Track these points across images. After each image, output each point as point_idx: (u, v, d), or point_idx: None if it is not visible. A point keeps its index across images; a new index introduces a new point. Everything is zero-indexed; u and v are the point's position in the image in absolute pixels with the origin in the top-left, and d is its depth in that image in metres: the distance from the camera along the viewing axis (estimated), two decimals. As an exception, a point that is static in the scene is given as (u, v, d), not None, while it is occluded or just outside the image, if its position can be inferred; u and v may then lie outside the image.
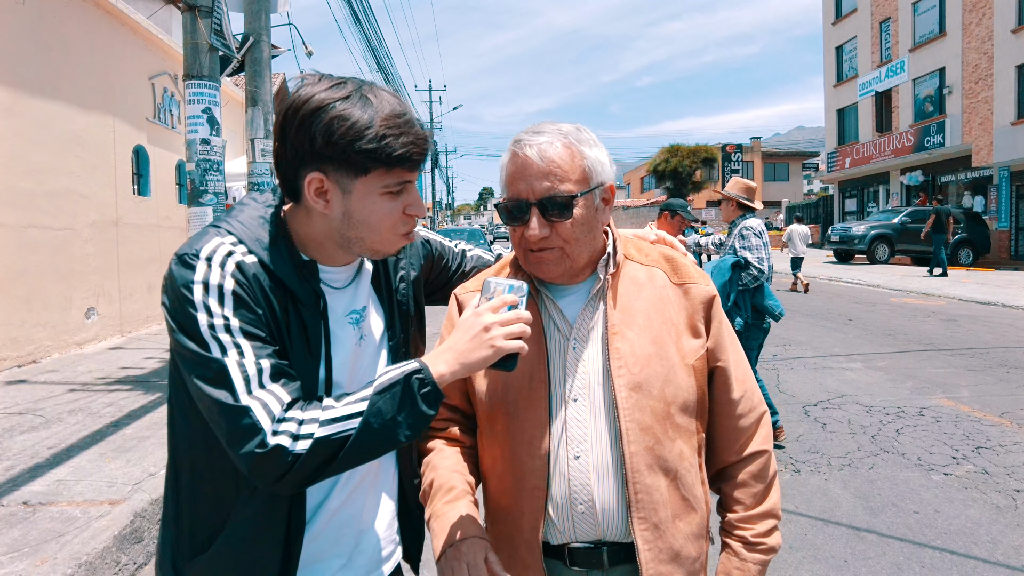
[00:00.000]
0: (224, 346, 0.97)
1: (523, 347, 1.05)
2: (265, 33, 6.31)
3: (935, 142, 23.30)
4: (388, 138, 1.02)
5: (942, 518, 3.49)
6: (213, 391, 0.96)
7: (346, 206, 1.06)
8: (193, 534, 1.10)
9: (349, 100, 1.02)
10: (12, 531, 3.05)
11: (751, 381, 1.28)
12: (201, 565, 1.09)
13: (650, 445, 1.14)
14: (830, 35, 31.40)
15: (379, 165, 1.03)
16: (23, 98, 6.88)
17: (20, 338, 6.84)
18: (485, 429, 1.27)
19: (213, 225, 1.09)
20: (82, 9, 7.96)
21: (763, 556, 1.24)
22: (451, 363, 1.04)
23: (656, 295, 1.22)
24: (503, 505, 1.23)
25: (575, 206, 1.14)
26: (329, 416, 0.97)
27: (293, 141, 1.03)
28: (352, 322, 1.17)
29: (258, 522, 1.07)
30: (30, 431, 4.60)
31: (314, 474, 0.97)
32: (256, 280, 1.03)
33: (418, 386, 1.00)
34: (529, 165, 1.14)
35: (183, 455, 1.11)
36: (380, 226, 1.08)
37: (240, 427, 0.94)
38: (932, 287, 13.94)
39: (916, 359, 7.35)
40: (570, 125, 1.20)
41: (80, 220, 7.83)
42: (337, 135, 1.00)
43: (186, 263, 1.01)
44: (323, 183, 1.04)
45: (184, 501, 1.11)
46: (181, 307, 0.99)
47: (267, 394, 0.97)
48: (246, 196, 1.16)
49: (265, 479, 0.96)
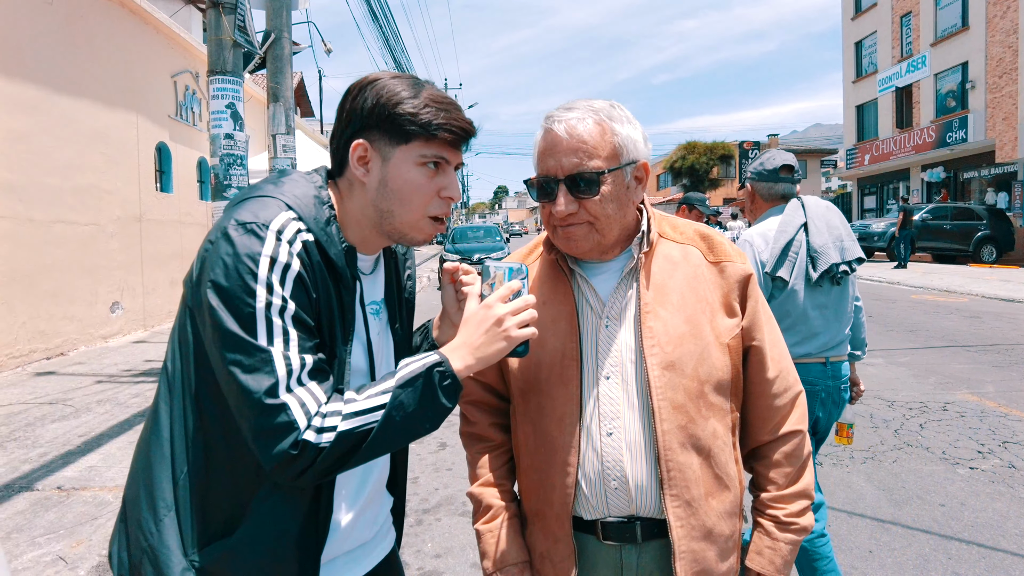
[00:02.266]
0: (273, 331, 0.94)
1: (535, 333, 1.06)
2: (286, 30, 6.37)
3: (957, 138, 22.92)
4: (430, 108, 1.06)
5: (968, 511, 3.46)
6: (249, 380, 0.91)
7: (383, 173, 1.08)
8: (205, 519, 1.03)
9: (402, 80, 1.09)
10: (48, 514, 3.13)
11: (787, 361, 1.28)
12: (222, 553, 1.02)
13: (683, 423, 1.15)
14: (849, 30, 31.00)
15: (419, 133, 1.06)
16: (50, 95, 7.01)
17: (48, 331, 6.98)
18: (518, 405, 1.29)
19: (267, 195, 1.04)
20: (107, 8, 8.09)
21: (795, 536, 1.24)
22: (466, 358, 1.04)
23: (691, 273, 1.22)
24: (535, 479, 1.25)
25: (603, 183, 1.15)
26: (352, 409, 0.96)
27: (348, 111, 1.09)
28: (373, 312, 1.18)
29: (286, 513, 1.04)
30: (61, 420, 4.71)
31: (335, 466, 0.96)
32: (318, 264, 1.01)
33: (439, 379, 0.99)
34: (558, 142, 1.15)
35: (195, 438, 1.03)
36: (411, 198, 1.08)
37: (274, 425, 0.91)
38: (954, 284, 13.74)
39: (939, 355, 7.26)
40: (603, 102, 1.20)
41: (104, 216, 7.97)
42: (383, 99, 1.06)
43: (254, 232, 0.95)
44: (367, 150, 1.07)
45: (195, 484, 1.03)
46: (239, 279, 0.93)
47: (305, 392, 0.94)
48: (293, 173, 1.13)
49: (288, 475, 0.94)
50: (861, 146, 29.63)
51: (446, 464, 4.30)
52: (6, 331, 6.37)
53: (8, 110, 6.40)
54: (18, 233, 6.54)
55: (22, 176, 6.59)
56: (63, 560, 2.70)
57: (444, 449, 4.58)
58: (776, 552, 1.23)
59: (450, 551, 3.16)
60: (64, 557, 2.72)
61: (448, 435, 4.79)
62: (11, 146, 6.44)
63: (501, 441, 1.35)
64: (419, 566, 3.01)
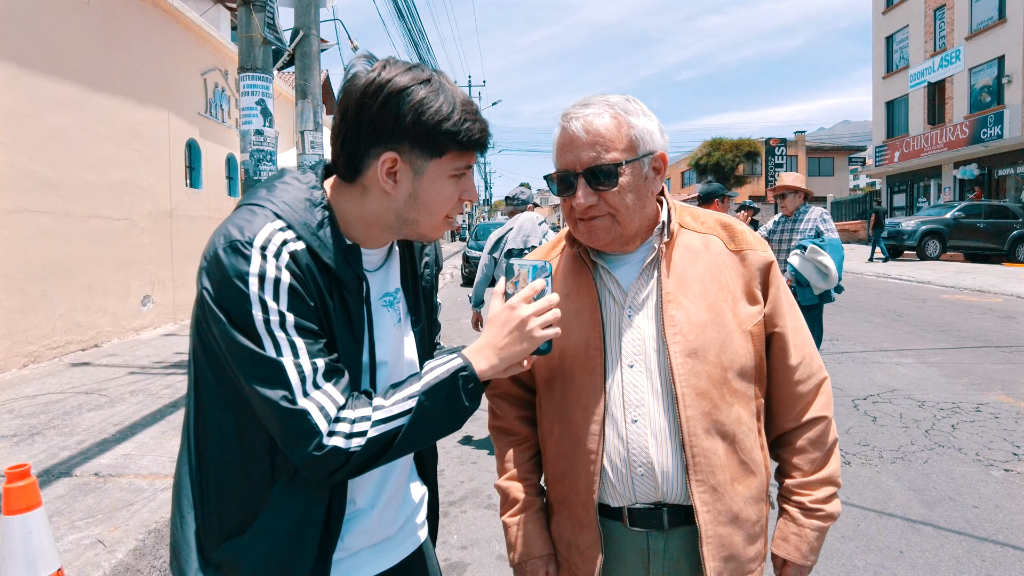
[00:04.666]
0: (279, 344, 0.96)
1: (558, 332, 1.08)
2: (314, 27, 6.45)
3: (992, 134, 22.34)
4: (468, 123, 1.05)
5: (1003, 514, 3.39)
6: (267, 391, 0.95)
7: (415, 187, 1.07)
8: (222, 517, 1.06)
9: (430, 84, 1.05)
10: (86, 499, 3.23)
11: (810, 347, 1.28)
12: (235, 549, 1.05)
13: (707, 410, 1.16)
14: (880, 24, 30.37)
15: (456, 147, 1.05)
16: (88, 93, 7.19)
17: (84, 323, 7.17)
18: (543, 395, 1.31)
19: (257, 203, 1.04)
20: (140, 7, 8.26)
21: (821, 523, 1.24)
22: (491, 359, 1.05)
23: (712, 262, 1.23)
24: (560, 467, 1.27)
25: (621, 174, 1.17)
26: (380, 416, 0.99)
27: (373, 119, 1.03)
28: (386, 304, 1.18)
29: (298, 510, 1.05)
30: (96, 409, 4.84)
31: (365, 466, 1.00)
32: (309, 270, 1.01)
33: (463, 383, 1.02)
34: (575, 137, 1.17)
35: (211, 434, 1.06)
36: (440, 209, 1.09)
37: (297, 430, 0.95)
38: (988, 284, 13.42)
39: (972, 355, 7.10)
40: (619, 96, 1.22)
41: (137, 211, 8.15)
42: (426, 116, 1.02)
43: (239, 252, 0.97)
44: (396, 163, 1.05)
45: (211, 483, 1.07)
46: (234, 300, 0.96)
47: (322, 395, 0.97)
48: (286, 175, 1.12)
49: (319, 474, 0.99)
50: (891, 143, 29.03)
51: (471, 458, 4.33)
52: (45, 323, 6.56)
53: (48, 108, 6.58)
54: (57, 228, 6.73)
55: (61, 172, 6.78)
56: (102, 543, 2.78)
57: (469, 443, 4.62)
58: (802, 538, 1.24)
59: (476, 543, 3.19)
60: (103, 540, 2.81)
61: (473, 429, 4.82)
62: (51, 143, 6.62)
63: (527, 435, 1.38)
64: (445, 557, 3.04)
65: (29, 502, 1.69)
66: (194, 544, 1.07)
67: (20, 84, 6.22)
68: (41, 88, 6.49)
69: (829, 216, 5.27)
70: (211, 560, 1.06)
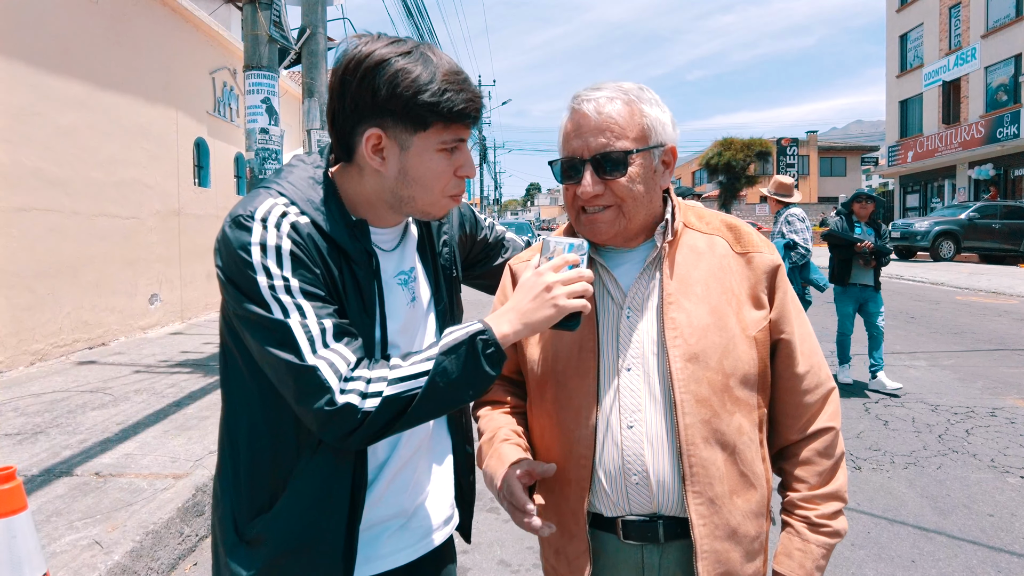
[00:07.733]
0: (286, 307, 0.98)
1: (586, 305, 1.04)
2: (321, 25, 6.43)
3: (1008, 133, 22.04)
4: (449, 92, 1.03)
5: (1020, 522, 3.30)
6: (279, 352, 0.97)
7: (403, 163, 1.06)
8: (253, 494, 1.10)
9: (411, 56, 1.03)
10: (86, 499, 3.21)
11: (818, 356, 1.22)
12: (264, 524, 1.09)
13: (706, 418, 1.10)
14: (894, 23, 30.05)
15: (439, 119, 1.03)
16: (96, 92, 7.21)
17: (91, 321, 7.19)
18: (535, 398, 1.26)
19: (263, 186, 1.08)
20: (149, 6, 8.28)
21: (827, 539, 1.17)
22: (514, 323, 1.04)
23: (716, 264, 1.18)
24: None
25: (631, 163, 1.11)
26: (397, 375, 0.98)
27: (354, 95, 1.03)
28: (401, 283, 1.18)
29: (321, 483, 1.08)
30: (100, 408, 4.83)
31: (382, 430, 0.98)
32: (311, 240, 1.03)
33: (482, 347, 1.00)
34: (586, 122, 1.12)
35: (240, 415, 1.10)
36: (433, 184, 1.08)
37: (308, 386, 0.95)
38: (1003, 285, 13.20)
39: (986, 358, 6.97)
40: (632, 84, 1.17)
41: (145, 209, 8.17)
42: (401, 87, 1.01)
43: (241, 224, 1.00)
44: (381, 139, 1.05)
45: (242, 462, 1.11)
46: (239, 270, 0.99)
47: (332, 353, 0.97)
48: (294, 158, 1.16)
49: (334, 435, 0.97)
50: (904, 143, 28.72)
51: (474, 459, 4.28)
52: (52, 321, 6.58)
53: (56, 107, 6.60)
54: (65, 226, 6.75)
55: (69, 170, 6.80)
56: (99, 544, 2.76)
57: (472, 444, 4.57)
58: (807, 555, 1.16)
59: (477, 547, 3.14)
60: (100, 541, 2.78)
61: (476, 430, 4.77)
62: (59, 141, 6.64)
63: (515, 404, 1.32)
64: (445, 561, 3.00)
65: (14, 506, 1.65)
66: (230, 522, 1.12)
67: (28, 83, 6.24)
68: (49, 87, 6.51)
69: (795, 217, 5.86)
70: (244, 536, 1.10)
